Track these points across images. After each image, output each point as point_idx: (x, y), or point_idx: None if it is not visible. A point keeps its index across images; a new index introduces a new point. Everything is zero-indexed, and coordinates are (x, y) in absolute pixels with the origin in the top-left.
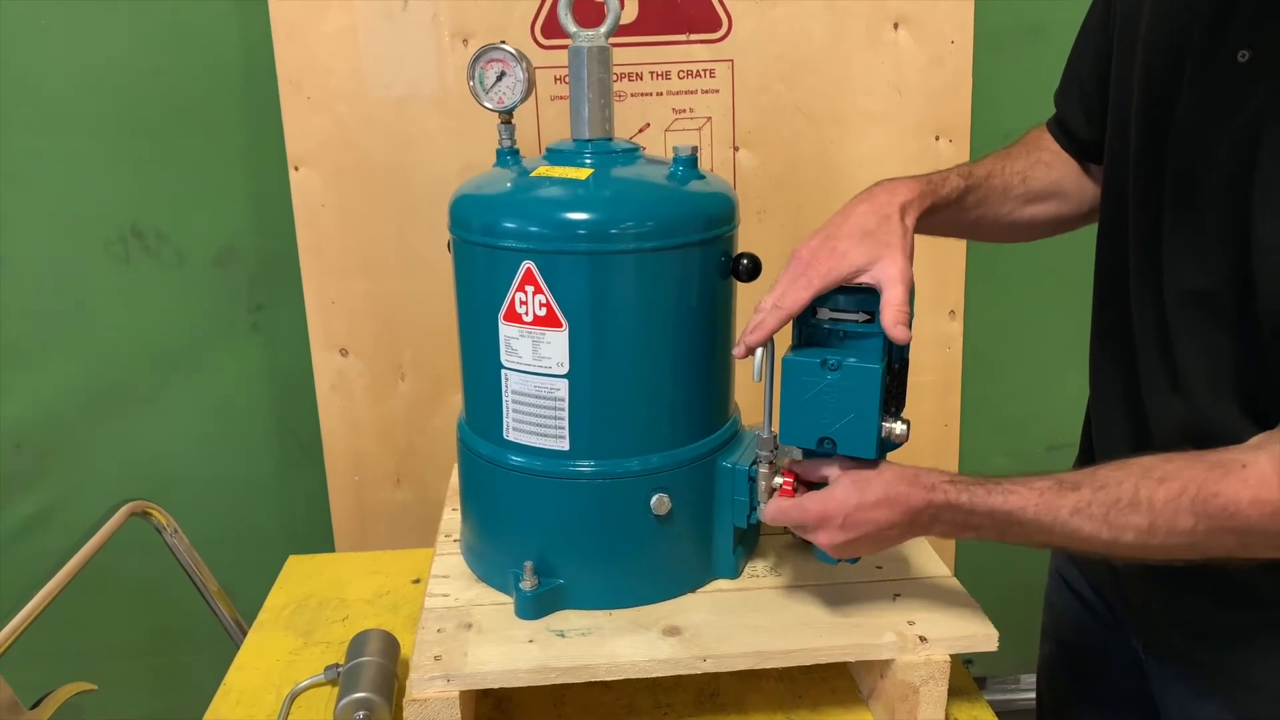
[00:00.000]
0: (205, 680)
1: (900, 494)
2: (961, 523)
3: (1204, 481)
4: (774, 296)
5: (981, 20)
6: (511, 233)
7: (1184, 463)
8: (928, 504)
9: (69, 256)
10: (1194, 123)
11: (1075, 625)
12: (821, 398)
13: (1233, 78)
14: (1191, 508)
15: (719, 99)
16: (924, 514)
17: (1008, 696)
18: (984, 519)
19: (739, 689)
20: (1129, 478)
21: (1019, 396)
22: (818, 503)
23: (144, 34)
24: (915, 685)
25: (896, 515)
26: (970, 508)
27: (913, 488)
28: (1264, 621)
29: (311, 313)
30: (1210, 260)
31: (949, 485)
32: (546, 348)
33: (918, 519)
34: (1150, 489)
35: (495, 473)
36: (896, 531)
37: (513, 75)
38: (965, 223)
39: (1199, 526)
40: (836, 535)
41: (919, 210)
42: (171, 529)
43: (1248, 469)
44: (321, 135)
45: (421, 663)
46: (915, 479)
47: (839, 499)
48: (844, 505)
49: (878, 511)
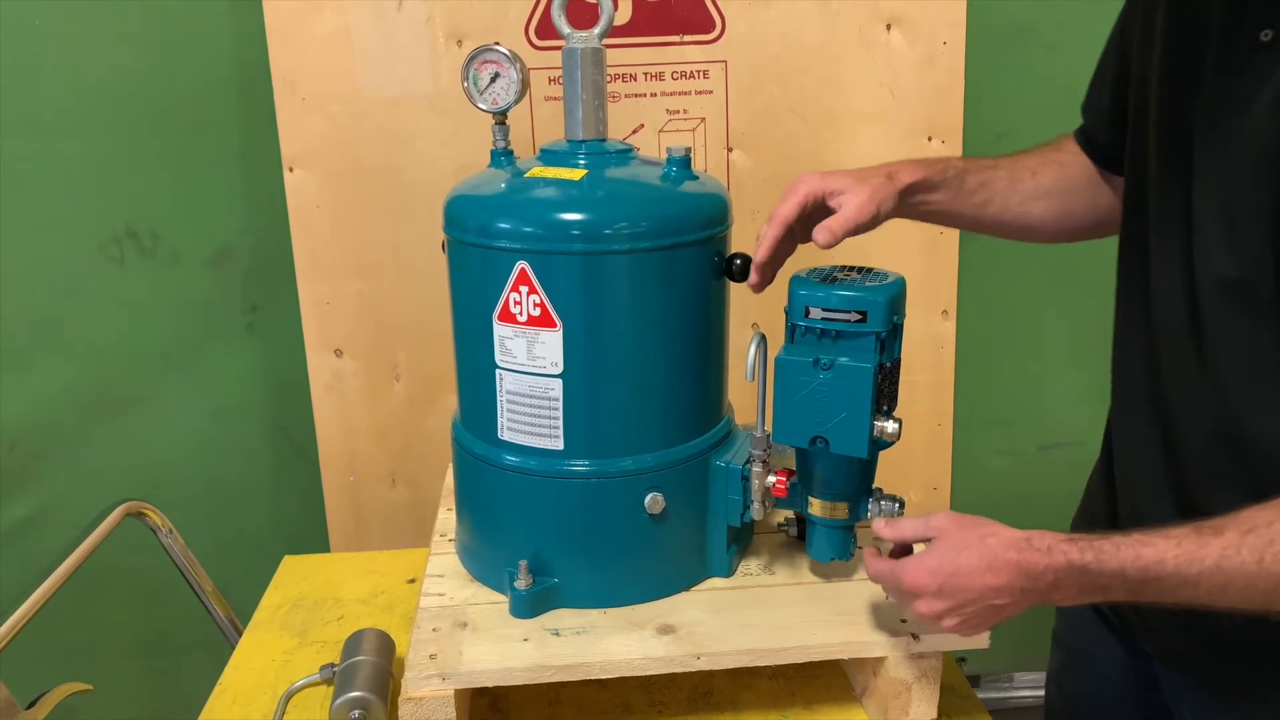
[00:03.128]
0: (201, 680)
1: (1010, 560)
2: (1087, 586)
3: None
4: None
5: (974, 21)
6: (506, 233)
7: None
8: (1046, 568)
9: (63, 257)
10: (1220, 106)
11: (1088, 633)
12: (814, 397)
13: (1257, 58)
14: None
15: (712, 100)
16: (1042, 580)
17: (1000, 695)
18: (1114, 579)
19: (733, 687)
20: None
21: (1012, 396)
22: (912, 567)
23: (138, 35)
24: (908, 683)
25: (1006, 581)
26: (1098, 569)
27: (1024, 553)
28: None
29: (306, 313)
30: (1242, 246)
31: (1068, 545)
32: (541, 347)
33: (1035, 585)
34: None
35: (490, 472)
36: (1012, 601)
37: (507, 76)
38: (970, 208)
39: None
40: (935, 604)
41: (912, 176)
42: (166, 529)
43: None
44: (316, 136)
45: (417, 661)
46: (1027, 543)
47: (932, 566)
48: (938, 572)
49: (982, 578)
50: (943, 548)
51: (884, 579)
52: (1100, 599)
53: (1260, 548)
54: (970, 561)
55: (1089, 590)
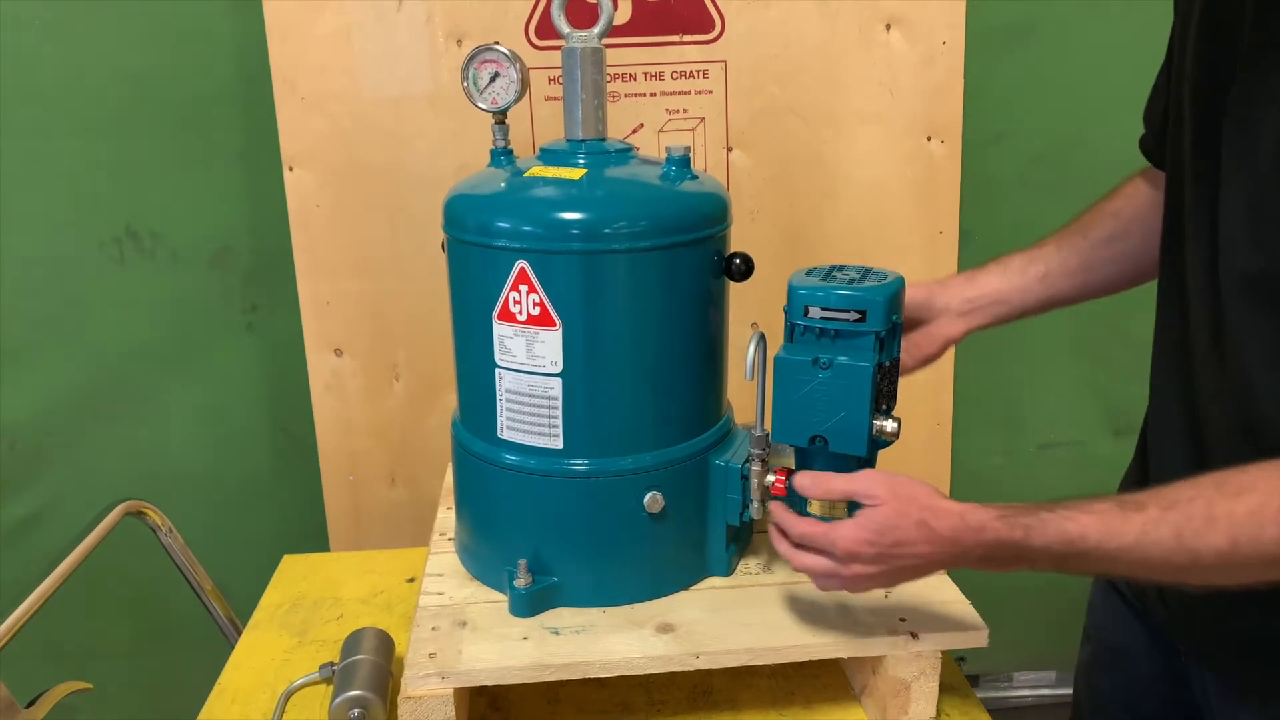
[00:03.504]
0: (200, 679)
1: (946, 537)
2: (1015, 558)
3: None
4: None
5: (973, 21)
6: (505, 232)
7: (1259, 472)
8: (977, 544)
9: (64, 257)
10: (1249, 100)
11: (1118, 628)
12: (813, 396)
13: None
14: (1277, 519)
15: (712, 100)
16: (973, 553)
17: (1000, 694)
18: (1040, 553)
19: (732, 686)
20: (1201, 494)
21: (1011, 395)
22: (850, 533)
23: (138, 35)
24: (907, 682)
25: (941, 553)
26: (1026, 544)
27: (960, 531)
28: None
29: (306, 313)
30: (1267, 240)
31: (999, 523)
32: (540, 347)
33: (966, 556)
34: (1227, 504)
35: (489, 471)
36: (939, 567)
37: (506, 76)
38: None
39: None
40: (868, 569)
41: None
42: (166, 528)
43: None
44: (316, 136)
45: (416, 660)
46: (962, 519)
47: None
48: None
49: (918, 548)
50: (881, 517)
51: (815, 540)
52: (1028, 568)
53: (1179, 523)
54: (910, 534)
55: (1017, 561)
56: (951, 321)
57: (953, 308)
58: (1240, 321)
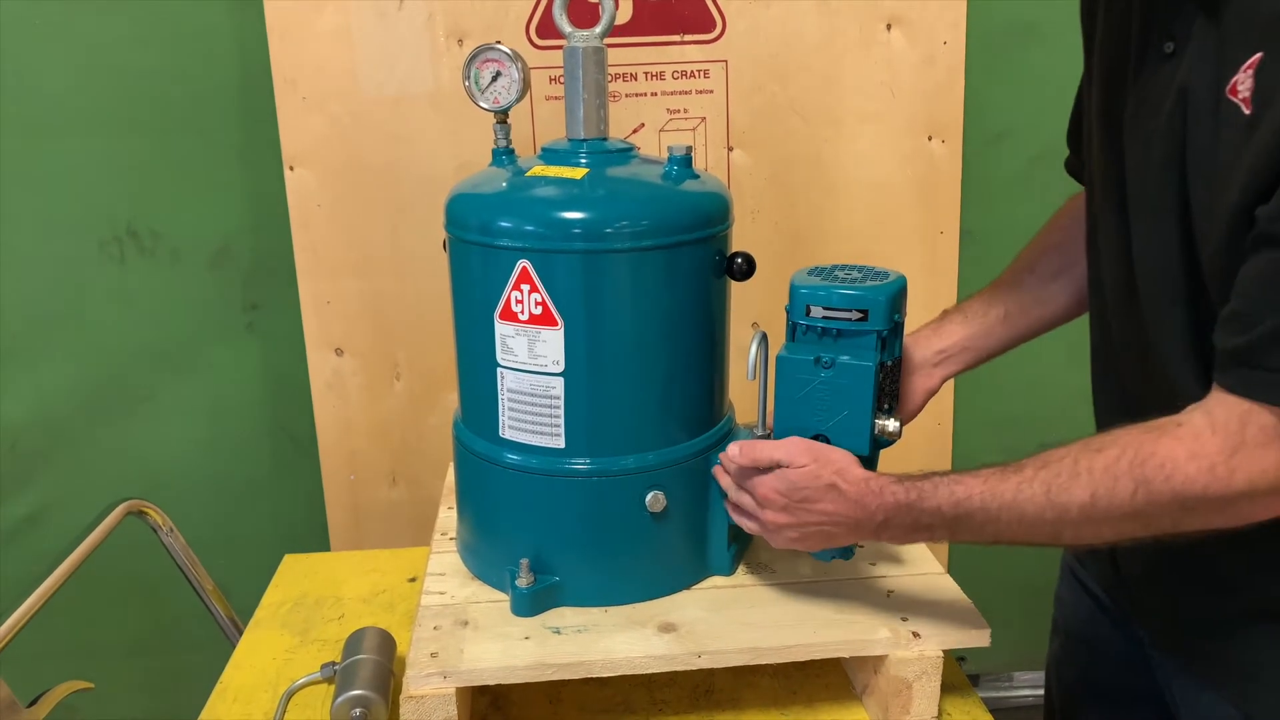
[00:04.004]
0: (201, 679)
1: (850, 496)
2: (912, 524)
3: (1140, 444)
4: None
5: (974, 20)
6: (507, 232)
7: (1122, 431)
8: (878, 507)
9: (64, 256)
10: (1138, 112)
11: (1084, 620)
12: (815, 395)
13: (1163, 68)
14: (1130, 471)
15: (713, 99)
16: (874, 517)
17: (1001, 694)
18: (933, 517)
19: (734, 685)
20: (1070, 452)
21: (1012, 394)
22: (769, 481)
23: (139, 33)
24: (909, 681)
25: (843, 512)
26: (920, 507)
27: (862, 493)
28: (1261, 613)
29: (306, 312)
30: (1165, 237)
31: (896, 487)
32: (542, 346)
33: (868, 520)
34: (1089, 458)
35: (491, 471)
36: (845, 530)
37: (508, 75)
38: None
39: (1139, 493)
40: (779, 517)
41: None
42: (167, 528)
43: (1183, 426)
44: (317, 135)
45: (418, 660)
46: (865, 483)
47: (784, 487)
48: (790, 494)
49: (823, 505)
50: (796, 475)
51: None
52: (926, 538)
53: (1048, 480)
54: (819, 494)
55: (915, 528)
56: (928, 374)
57: (928, 360)
58: (1154, 317)
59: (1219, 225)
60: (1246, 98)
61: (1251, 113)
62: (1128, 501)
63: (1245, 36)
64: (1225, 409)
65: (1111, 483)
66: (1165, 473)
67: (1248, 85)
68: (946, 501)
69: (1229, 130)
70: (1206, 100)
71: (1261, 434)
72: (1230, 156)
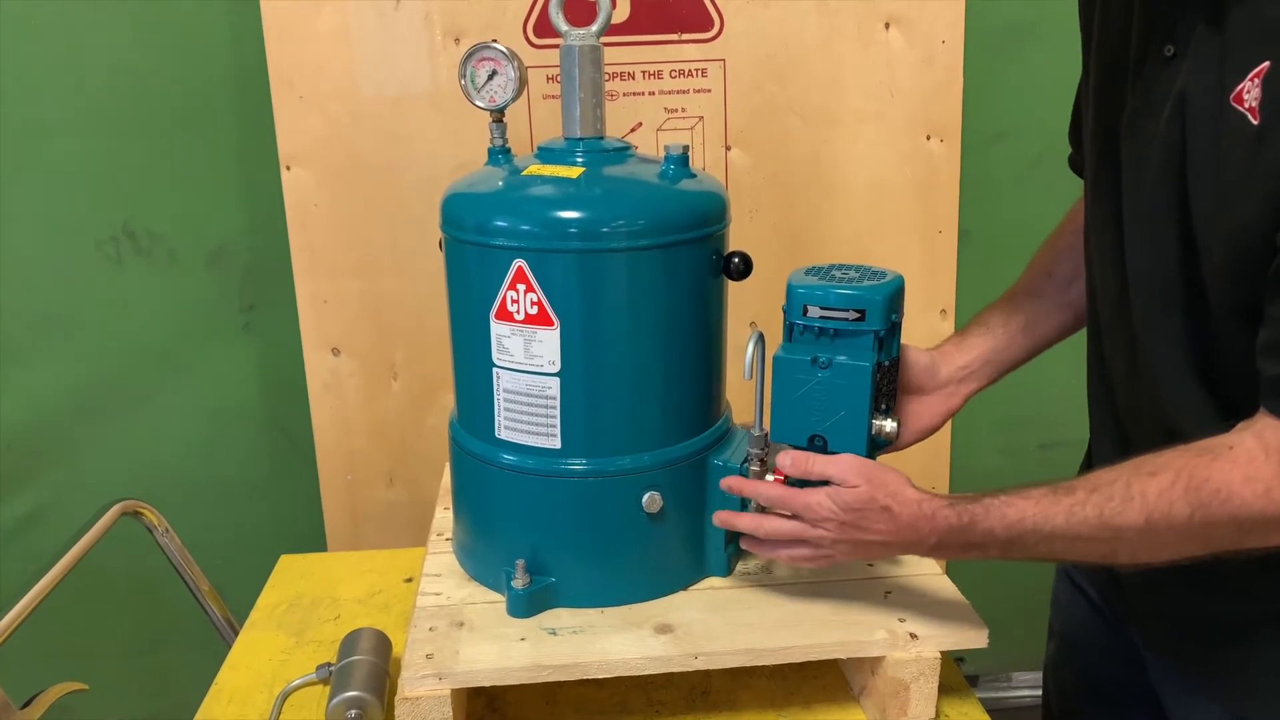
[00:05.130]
0: (197, 680)
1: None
2: (964, 545)
3: (1194, 468)
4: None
5: (972, 20)
6: (503, 231)
7: (1173, 454)
8: (931, 531)
9: (61, 256)
10: (1137, 116)
11: (1080, 622)
12: (812, 395)
13: (1163, 72)
14: (1185, 496)
15: (711, 98)
16: (927, 541)
17: (999, 695)
18: (986, 538)
19: (731, 686)
20: (1121, 475)
21: (1011, 394)
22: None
23: (136, 34)
24: (906, 682)
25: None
26: (972, 529)
27: (916, 517)
28: (1253, 616)
29: (304, 312)
30: (1162, 245)
31: (948, 511)
32: (538, 346)
33: (921, 543)
34: (1142, 483)
35: (487, 471)
36: (893, 550)
37: (504, 74)
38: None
39: (1195, 516)
40: (831, 533)
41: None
42: (163, 529)
43: (1235, 450)
44: (314, 134)
45: (413, 661)
46: (918, 507)
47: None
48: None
49: (878, 528)
50: (851, 496)
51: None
52: (979, 555)
53: (1101, 504)
54: (875, 517)
55: (968, 548)
56: (952, 392)
57: (952, 377)
58: (1147, 324)
59: (1223, 238)
60: (1254, 107)
61: (1260, 123)
62: (1185, 525)
63: (1251, 43)
64: (1275, 432)
65: (1167, 507)
66: (1222, 497)
67: (1255, 94)
68: (999, 524)
69: (1234, 139)
70: (1209, 107)
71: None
72: (1236, 167)
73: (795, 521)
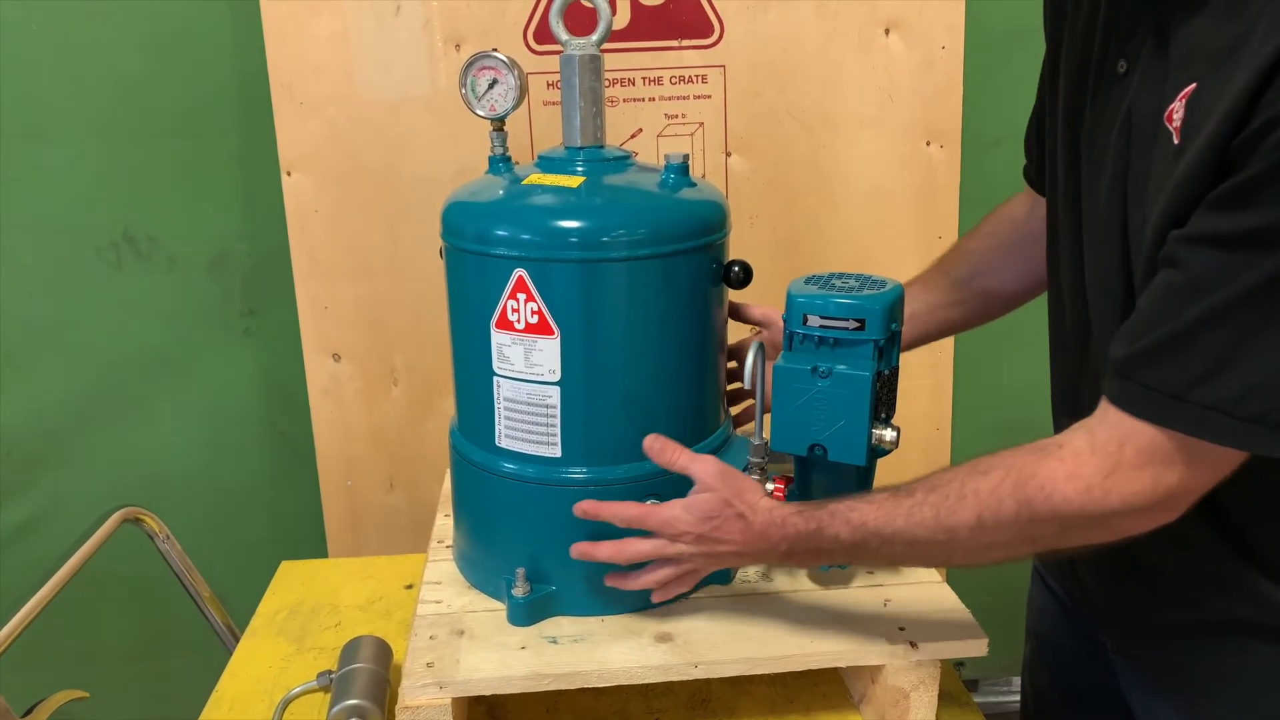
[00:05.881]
0: (197, 686)
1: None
2: (814, 551)
3: (1023, 465)
4: None
5: (972, 25)
6: (503, 240)
7: (1007, 453)
8: (781, 538)
9: (61, 261)
10: (1094, 131)
11: (1052, 623)
12: (812, 405)
13: (1116, 88)
14: (1013, 493)
15: (711, 104)
16: (778, 549)
17: (1000, 699)
18: (833, 543)
19: (731, 694)
20: (957, 476)
21: (1010, 400)
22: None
23: (136, 39)
24: (906, 691)
25: (751, 546)
26: (819, 535)
27: (767, 526)
28: (1199, 624)
29: (304, 317)
30: (1108, 259)
31: (796, 518)
32: (538, 355)
33: (772, 550)
34: (975, 482)
35: (487, 479)
36: (746, 560)
37: (505, 83)
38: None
39: (1021, 513)
40: (689, 548)
41: None
42: (163, 535)
43: (1064, 448)
44: (314, 139)
45: (414, 670)
46: (769, 514)
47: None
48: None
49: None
50: (707, 504)
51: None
52: (828, 561)
53: (937, 504)
54: (729, 524)
55: (817, 554)
56: None
57: None
58: (1104, 334)
59: (1144, 252)
60: (1178, 127)
61: (1179, 143)
62: (1012, 522)
63: (1185, 66)
64: (1106, 429)
65: (996, 504)
66: (1045, 493)
67: (1180, 115)
68: (844, 529)
69: (1163, 157)
70: (1148, 125)
71: (1137, 457)
72: (1159, 185)
73: (654, 540)
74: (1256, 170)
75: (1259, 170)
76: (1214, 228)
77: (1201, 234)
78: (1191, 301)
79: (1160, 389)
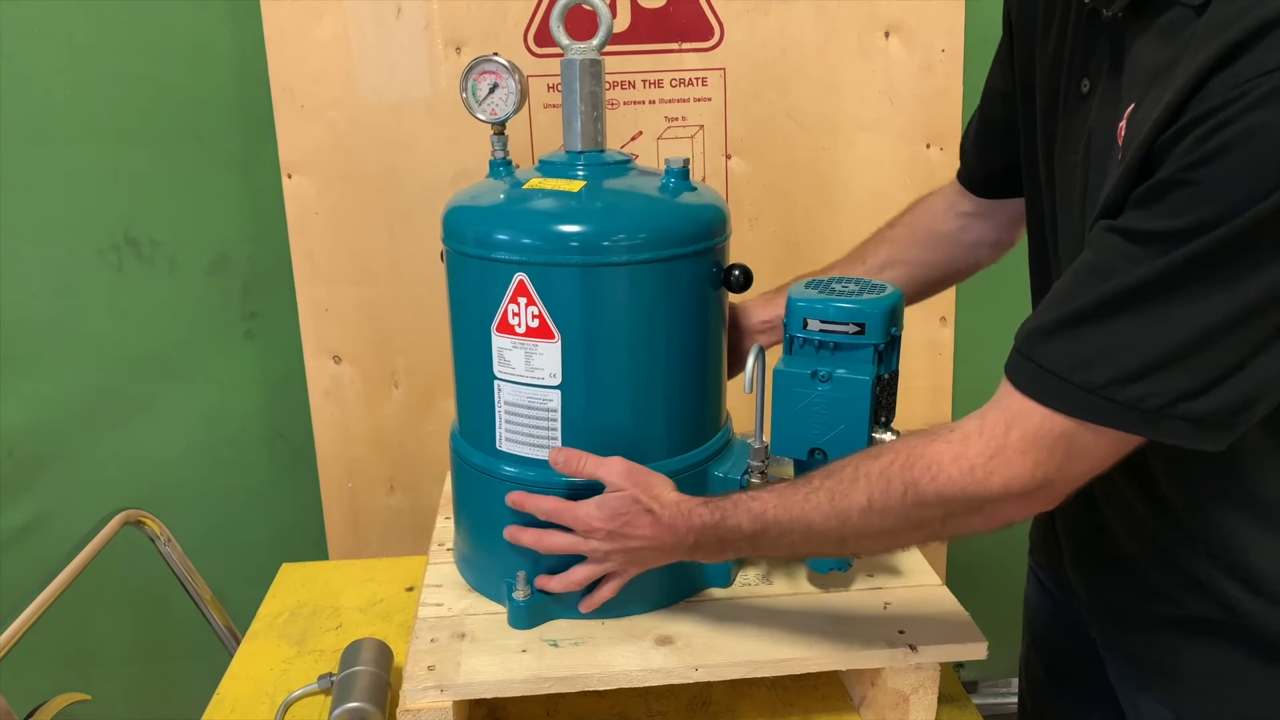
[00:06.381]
0: (199, 689)
1: (664, 523)
2: (719, 543)
3: (913, 447)
4: None
5: (972, 27)
6: (504, 245)
7: (902, 439)
8: (688, 530)
9: (62, 264)
10: (1063, 148)
11: (1046, 620)
12: (812, 408)
13: (1081, 106)
14: (901, 474)
15: (711, 107)
16: (686, 540)
17: (1000, 700)
18: (736, 534)
19: (731, 697)
20: (851, 461)
21: None
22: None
23: (137, 41)
24: (906, 694)
25: (660, 538)
26: (723, 526)
27: (674, 518)
28: (1180, 619)
29: (304, 319)
30: None
31: (701, 509)
32: (539, 359)
33: (680, 543)
34: (868, 464)
35: (488, 483)
36: (661, 554)
37: (505, 87)
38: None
39: (908, 494)
40: (602, 545)
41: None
42: (165, 537)
43: (954, 431)
44: (315, 142)
45: (415, 673)
46: (676, 508)
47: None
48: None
49: (642, 531)
50: (616, 501)
51: (559, 515)
52: (734, 555)
53: (832, 488)
54: (639, 519)
55: (724, 546)
56: (750, 339)
57: (753, 328)
58: None
59: None
60: (1122, 142)
61: (1120, 157)
62: (899, 504)
63: (1131, 85)
64: (997, 413)
65: (885, 486)
66: (931, 474)
67: (1125, 131)
68: (745, 519)
69: (1111, 171)
70: (1104, 143)
71: (1021, 440)
72: None
73: (571, 535)
74: (1168, 173)
75: (1170, 173)
76: (1128, 222)
77: (1117, 225)
78: (1093, 285)
79: (1051, 368)
